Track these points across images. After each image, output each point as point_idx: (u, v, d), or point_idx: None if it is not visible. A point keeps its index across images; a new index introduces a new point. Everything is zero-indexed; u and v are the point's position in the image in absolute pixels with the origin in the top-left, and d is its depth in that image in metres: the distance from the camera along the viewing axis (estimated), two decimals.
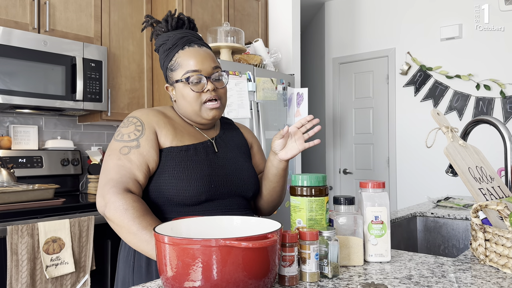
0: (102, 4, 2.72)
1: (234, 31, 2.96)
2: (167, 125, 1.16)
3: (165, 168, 1.12)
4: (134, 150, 1.10)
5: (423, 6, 3.89)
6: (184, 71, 1.15)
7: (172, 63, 1.18)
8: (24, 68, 2.29)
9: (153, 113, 1.18)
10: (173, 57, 1.18)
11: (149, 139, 1.12)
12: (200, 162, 1.14)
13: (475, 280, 0.87)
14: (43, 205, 2.09)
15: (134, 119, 1.16)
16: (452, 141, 1.21)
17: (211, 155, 1.19)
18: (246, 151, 1.32)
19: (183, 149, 1.14)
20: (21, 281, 1.88)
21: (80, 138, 2.96)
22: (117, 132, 1.15)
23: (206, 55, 1.18)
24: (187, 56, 1.16)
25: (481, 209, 1.01)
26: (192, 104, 1.16)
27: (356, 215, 1.00)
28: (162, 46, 1.20)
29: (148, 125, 1.14)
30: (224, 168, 1.19)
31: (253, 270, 0.73)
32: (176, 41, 1.18)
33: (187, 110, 1.18)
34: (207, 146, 1.20)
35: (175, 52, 1.18)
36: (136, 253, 1.13)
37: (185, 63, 1.16)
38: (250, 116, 2.80)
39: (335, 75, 4.54)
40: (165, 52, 1.19)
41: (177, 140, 1.15)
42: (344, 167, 4.49)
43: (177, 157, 1.13)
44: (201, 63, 1.16)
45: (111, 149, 1.12)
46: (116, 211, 1.02)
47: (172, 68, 1.18)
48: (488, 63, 3.55)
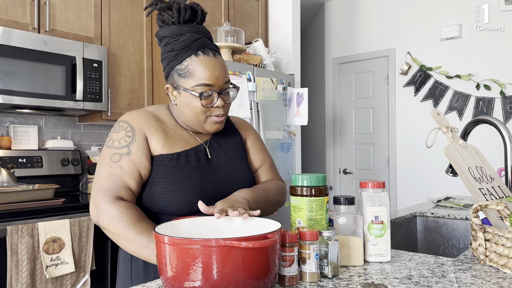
0: (102, 4, 2.72)
1: (234, 31, 2.96)
2: (158, 130, 1.12)
3: (156, 179, 1.09)
4: (125, 157, 1.08)
5: (423, 6, 3.89)
6: (196, 83, 1.07)
7: (183, 68, 1.08)
8: (24, 68, 2.29)
9: (144, 116, 1.13)
10: (184, 60, 1.08)
11: (140, 145, 1.09)
12: (190, 171, 1.11)
13: (475, 280, 0.87)
14: (43, 205, 2.09)
15: (125, 123, 1.12)
16: (452, 141, 1.21)
17: (203, 161, 1.15)
18: (242, 151, 1.27)
19: (173, 157, 1.10)
20: (21, 281, 1.88)
21: (80, 138, 2.96)
22: (108, 138, 1.13)
23: (221, 69, 1.10)
24: (202, 66, 1.07)
25: (481, 209, 1.01)
26: (197, 116, 1.11)
27: (356, 215, 1.00)
28: (170, 42, 1.10)
29: (138, 130, 1.10)
30: (216, 175, 1.15)
31: (253, 270, 0.73)
32: (190, 43, 1.08)
33: (190, 119, 1.13)
34: (200, 152, 1.15)
35: (187, 56, 1.08)
36: (133, 260, 1.12)
37: (198, 74, 1.07)
38: (250, 116, 2.80)
39: (335, 75, 4.54)
40: (175, 51, 1.08)
41: (168, 146, 1.11)
42: (344, 167, 4.49)
43: (167, 166, 1.10)
44: (216, 78, 1.08)
45: (102, 156, 1.10)
46: (110, 220, 1.01)
47: (181, 74, 1.09)
48: (488, 63, 3.55)
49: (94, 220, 1.06)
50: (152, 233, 1.00)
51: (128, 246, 1.01)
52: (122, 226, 1.00)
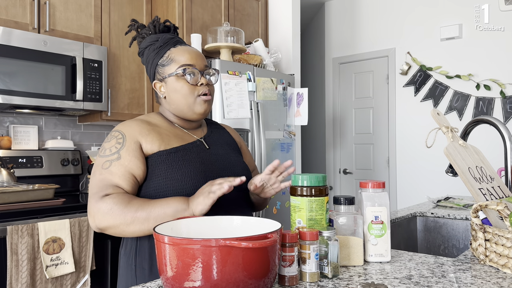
0: (102, 4, 2.72)
1: (234, 31, 2.96)
2: (152, 132, 1.15)
3: (158, 172, 1.11)
4: (114, 162, 1.09)
5: (423, 6, 3.89)
6: (178, 65, 1.17)
7: (164, 59, 1.19)
8: (24, 68, 2.29)
9: (135, 123, 1.17)
10: (164, 53, 1.19)
11: (130, 149, 1.11)
12: (192, 160, 1.15)
13: (475, 280, 0.87)
14: (43, 205, 2.09)
15: (116, 132, 1.15)
16: (452, 141, 1.21)
17: (203, 153, 1.19)
18: (236, 148, 1.34)
19: (172, 151, 1.14)
20: (21, 281, 1.88)
21: (80, 138, 2.96)
22: (101, 148, 1.15)
23: (198, 53, 1.22)
24: (181, 52, 1.19)
25: (481, 209, 1.01)
26: (186, 97, 1.17)
27: (356, 215, 1.00)
28: (150, 46, 1.22)
29: (129, 136, 1.13)
30: (217, 164, 1.19)
31: (253, 270, 0.73)
32: (167, 40, 1.21)
33: (180, 103, 1.18)
34: (197, 145, 1.21)
35: (167, 49, 1.20)
36: (138, 257, 1.13)
37: (178, 58, 1.18)
38: (250, 116, 2.80)
39: (335, 75, 4.54)
40: (155, 50, 1.20)
41: (165, 144, 1.15)
42: (344, 167, 4.49)
43: (167, 159, 1.13)
44: (195, 58, 1.19)
45: (95, 166, 1.13)
46: (103, 216, 1.02)
47: (164, 64, 1.19)
48: (488, 63, 3.55)
49: (93, 227, 1.07)
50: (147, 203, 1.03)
51: (134, 229, 1.03)
52: (116, 215, 1.02)
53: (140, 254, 1.12)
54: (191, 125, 1.26)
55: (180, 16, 2.86)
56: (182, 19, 2.88)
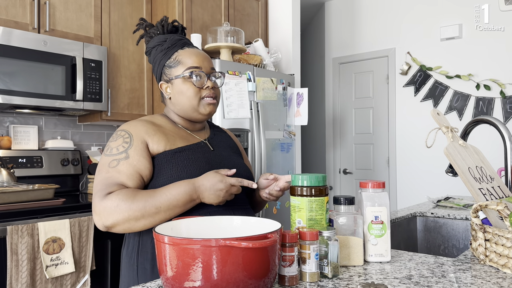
0: (102, 4, 2.72)
1: (234, 31, 2.96)
2: (158, 133, 1.16)
3: (164, 172, 1.12)
4: (123, 161, 1.09)
5: (423, 6, 3.89)
6: (185, 67, 1.19)
7: (171, 61, 1.20)
8: (24, 68, 2.29)
9: (141, 123, 1.18)
10: (172, 55, 1.21)
11: (138, 148, 1.11)
12: (198, 160, 1.16)
13: (475, 280, 0.87)
14: (43, 205, 2.09)
15: (122, 132, 1.15)
16: (452, 141, 1.21)
17: (208, 153, 1.21)
18: (237, 151, 1.36)
19: (177, 151, 1.15)
20: (21, 281, 1.88)
21: (80, 138, 2.96)
22: (107, 147, 1.15)
23: (205, 56, 1.24)
24: (188, 54, 1.21)
25: (481, 209, 1.01)
26: (191, 99, 1.19)
27: (356, 215, 1.00)
28: (158, 46, 1.22)
29: (136, 135, 1.13)
30: (222, 165, 1.20)
31: (253, 270, 0.73)
32: (175, 41, 1.22)
33: (185, 105, 1.20)
34: (202, 146, 1.22)
35: (175, 51, 1.21)
36: (140, 256, 1.12)
37: (186, 60, 1.19)
38: (250, 116, 2.80)
39: (335, 75, 4.54)
40: (163, 51, 1.21)
41: (170, 144, 1.16)
42: (344, 167, 4.49)
43: (173, 158, 1.13)
44: (202, 61, 1.21)
45: (100, 164, 1.12)
46: (110, 214, 1.02)
47: (171, 65, 1.20)
48: (488, 63, 3.55)
49: (99, 225, 1.05)
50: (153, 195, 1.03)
51: (145, 223, 1.03)
52: (123, 211, 1.01)
53: (142, 255, 1.12)
54: (195, 127, 1.27)
55: (180, 16, 2.86)
56: (182, 19, 2.87)
